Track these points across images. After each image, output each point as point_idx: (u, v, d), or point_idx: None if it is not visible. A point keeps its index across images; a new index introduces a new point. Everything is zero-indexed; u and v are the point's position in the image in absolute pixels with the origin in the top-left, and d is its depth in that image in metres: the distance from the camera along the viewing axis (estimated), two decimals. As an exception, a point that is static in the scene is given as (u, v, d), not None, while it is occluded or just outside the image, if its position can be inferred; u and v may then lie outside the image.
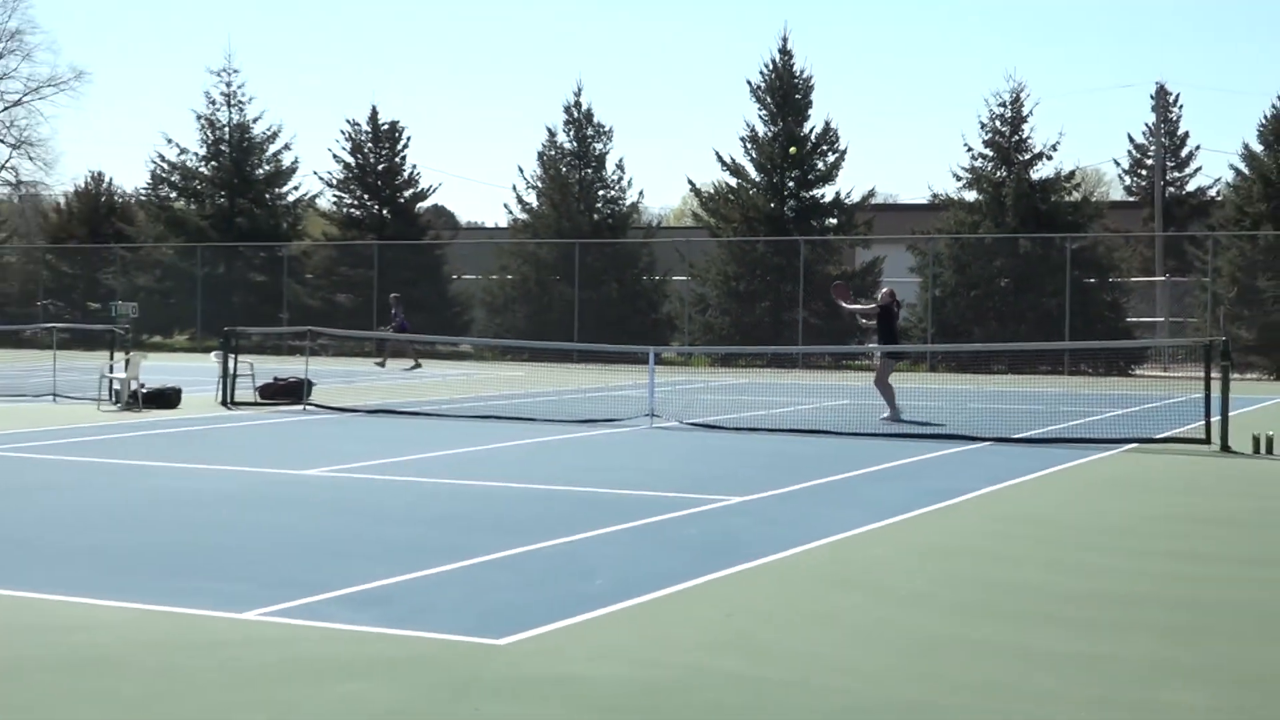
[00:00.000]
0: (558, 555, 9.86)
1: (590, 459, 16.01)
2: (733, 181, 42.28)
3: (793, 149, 40.47)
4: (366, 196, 46.98)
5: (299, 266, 46.43)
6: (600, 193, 44.06)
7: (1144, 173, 54.71)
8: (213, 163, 48.20)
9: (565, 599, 8.41)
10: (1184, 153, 53.61)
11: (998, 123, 39.94)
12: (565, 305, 41.54)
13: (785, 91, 41.61)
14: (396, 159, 47.06)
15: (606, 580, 8.98)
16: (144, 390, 22.08)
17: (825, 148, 41.94)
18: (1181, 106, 54.16)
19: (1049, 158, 39.85)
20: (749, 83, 41.87)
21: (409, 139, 47.18)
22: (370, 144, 46.90)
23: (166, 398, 22.22)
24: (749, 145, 41.96)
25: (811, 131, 41.84)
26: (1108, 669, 7.02)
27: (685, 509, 11.95)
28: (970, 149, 40.15)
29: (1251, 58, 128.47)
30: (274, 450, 16.61)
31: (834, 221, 42.54)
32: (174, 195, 49.31)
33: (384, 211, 46.71)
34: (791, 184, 41.88)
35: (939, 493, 13.07)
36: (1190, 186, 53.17)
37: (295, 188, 49.21)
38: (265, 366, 26.34)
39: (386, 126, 47.03)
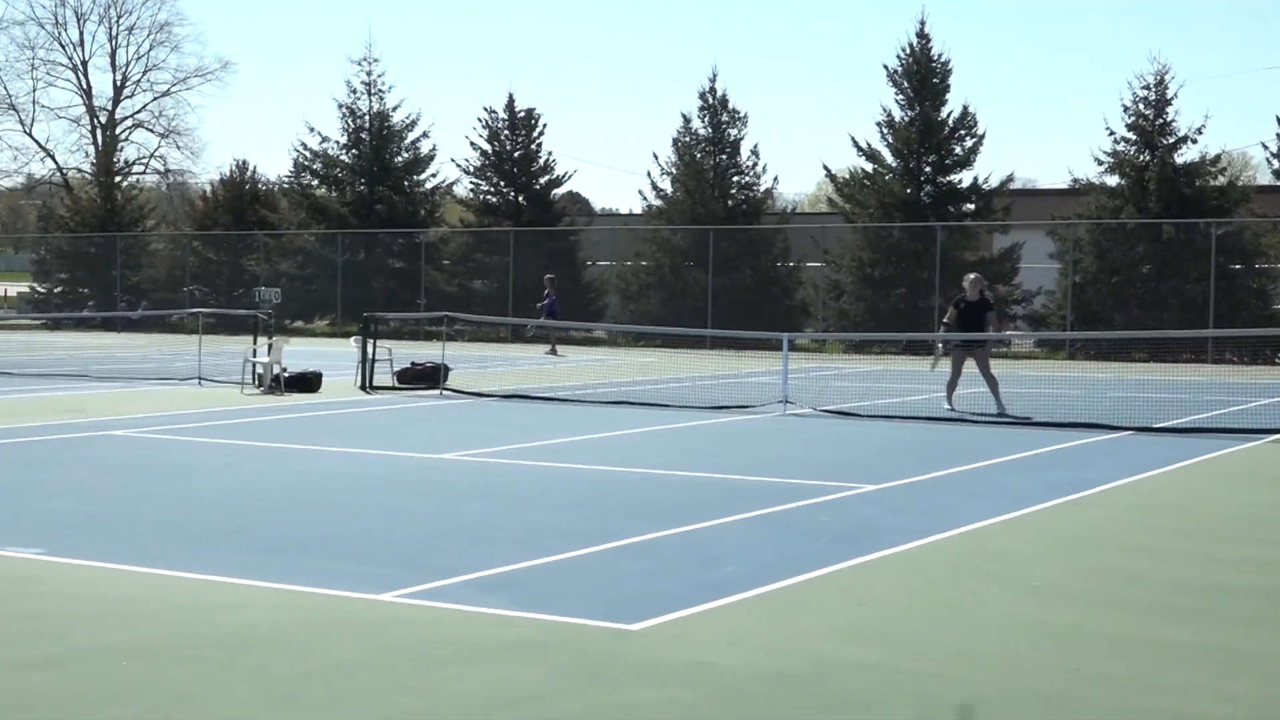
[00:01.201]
0: (688, 541, 9.93)
1: (722, 445, 16.04)
2: (868, 167, 41.96)
3: None
4: (502, 183, 47.41)
5: (436, 253, 47.03)
6: (734, 179, 43.99)
7: (1293, 156, 53.28)
8: (353, 150, 48.98)
9: (696, 585, 8.47)
10: (1336, 135, 52.12)
11: (1141, 105, 39.13)
12: (699, 291, 41.58)
13: (923, 75, 41.17)
14: (532, 146, 47.40)
15: (737, 567, 9.02)
16: (286, 374, 22.56)
17: (963, 132, 41.44)
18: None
19: (1194, 141, 38.97)
20: (885, 67, 41.53)
21: (545, 126, 47.58)
22: (507, 131, 47.31)
23: (308, 382, 22.69)
24: (885, 130, 41.60)
25: (949, 116, 41.38)
26: (1248, 664, 6.91)
27: (817, 496, 11.94)
28: (1112, 132, 39.40)
29: None
30: (411, 435, 16.88)
31: (971, 207, 42.05)
32: (315, 183, 50.20)
33: (520, 198, 47.10)
34: (929, 169, 41.47)
35: (1076, 483, 12.91)
36: (1342, 169, 51.71)
37: (433, 175, 49.88)
38: (403, 351, 26.76)
39: (523, 114, 47.40)
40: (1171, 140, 38.86)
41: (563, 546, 9.59)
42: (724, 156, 43.83)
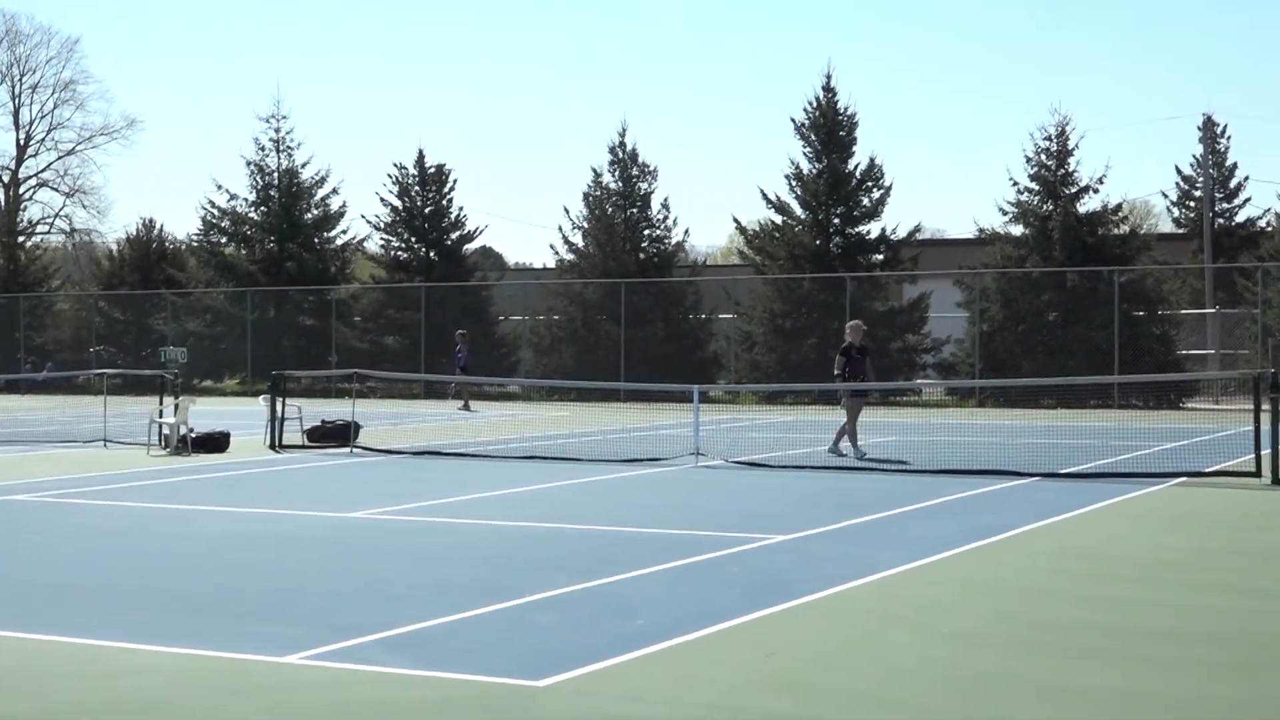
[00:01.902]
0: (600, 595, 9.80)
1: (634, 498, 15.96)
2: (778, 219, 42.31)
3: None
4: (413, 239, 47.23)
5: (347, 310, 46.71)
6: (646, 232, 44.16)
7: (1192, 204, 54.39)
8: (262, 208, 48.58)
9: (606, 639, 8.35)
10: (1233, 183, 53.30)
11: (1043, 156, 39.80)
12: (611, 345, 41.59)
13: (830, 129, 41.61)
14: (443, 201, 47.33)
15: (648, 620, 8.91)
16: (193, 435, 22.20)
17: (870, 184, 41.87)
18: (1229, 137, 53.93)
19: (1095, 190, 39.68)
20: (793, 120, 41.96)
21: (455, 181, 47.61)
22: (417, 187, 47.19)
23: (215, 442, 22.33)
24: (794, 183, 41.96)
25: (856, 168, 41.81)
26: (1152, 707, 6.89)
27: (730, 548, 11.86)
28: (1016, 183, 40.03)
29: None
30: (319, 493, 16.63)
31: (880, 257, 42.43)
32: (224, 241, 49.69)
33: (431, 254, 46.95)
34: (837, 220, 41.82)
35: (987, 528, 12.95)
36: (1240, 217, 52.82)
37: (343, 231, 49.57)
38: (314, 409, 26.45)
39: (433, 170, 47.33)
40: (1073, 190, 39.53)
41: (472, 603, 9.43)
42: (635, 210, 43.98)
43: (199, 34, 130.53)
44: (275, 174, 48.48)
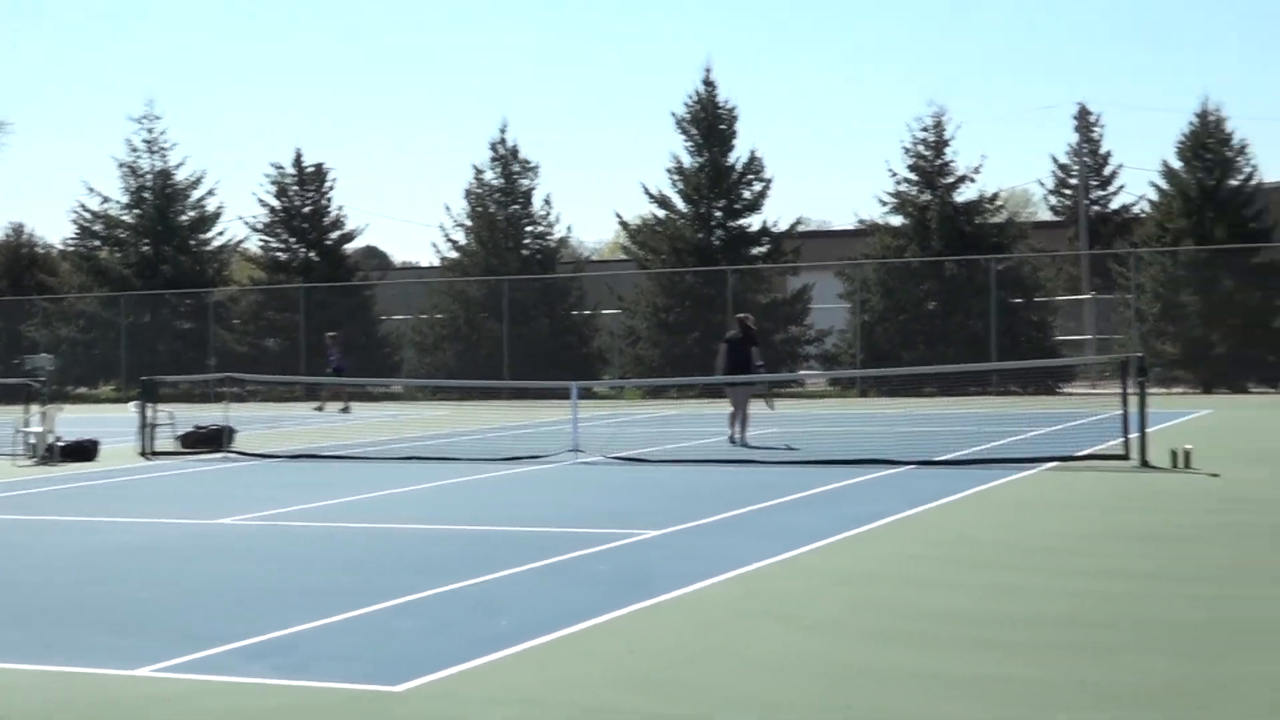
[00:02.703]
0: (465, 597, 9.71)
1: (509, 497, 15.87)
2: (660, 213, 42.40)
3: None
4: (293, 240, 46.72)
5: (226, 312, 46.08)
6: (528, 229, 44.09)
7: (1068, 192, 55.32)
8: (136, 210, 47.74)
9: (468, 641, 8.26)
10: (1106, 171, 54.29)
11: (921, 147, 40.29)
12: (495, 342, 41.46)
13: (710, 122, 41.76)
14: (323, 201, 46.84)
15: (511, 621, 8.83)
16: (61, 443, 21.72)
17: (751, 176, 42.10)
18: (1103, 126, 55.05)
19: (972, 180, 40.31)
20: (673, 115, 42.08)
21: (334, 180, 47.14)
22: (296, 186, 46.67)
23: (84, 450, 21.87)
24: (675, 177, 42.08)
25: (737, 161, 42.02)
26: (1019, 692, 6.94)
27: (601, 544, 11.81)
28: (894, 174, 40.51)
29: (1169, 75, 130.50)
30: (188, 500, 16.34)
31: (762, 250, 42.68)
32: (97, 244, 48.75)
33: (311, 254, 46.45)
34: (719, 214, 41.98)
35: (858, 518, 13.02)
36: (1114, 204, 53.80)
37: (220, 233, 48.93)
38: (189, 415, 25.99)
39: (312, 169, 46.85)
40: (951, 180, 40.05)
41: (336, 608, 9.29)
42: (517, 207, 43.88)
43: (68, 33, 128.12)
44: (149, 176, 47.67)
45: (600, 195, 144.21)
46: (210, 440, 22.70)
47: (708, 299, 40.35)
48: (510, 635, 8.36)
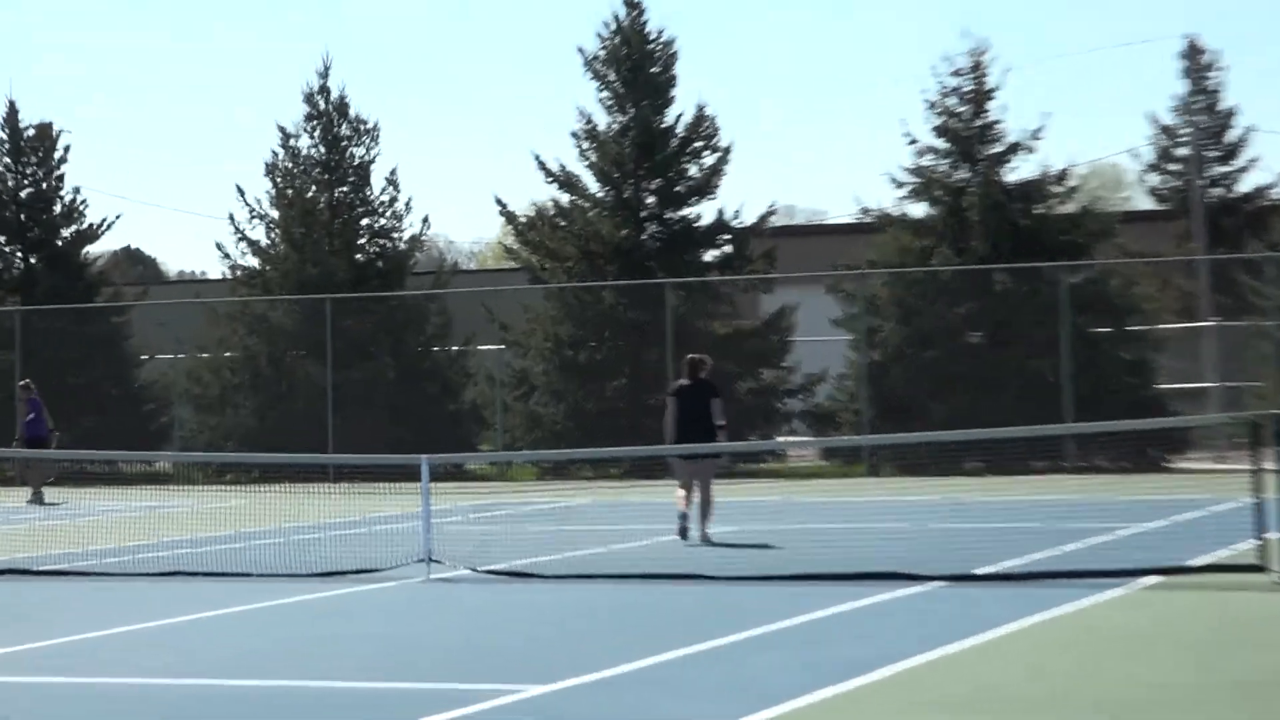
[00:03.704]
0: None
1: (317, 633, 15.82)
2: (564, 199, 42.25)
3: None
4: (3, 239, 46.22)
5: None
6: (364, 222, 43.90)
7: (1175, 169, 55.48)
8: None
9: None
10: (1231, 137, 54.42)
11: (953, 101, 40.26)
12: (315, 393, 41.11)
13: (636, 61, 41.73)
14: (51, 181, 46.45)
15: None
16: None
17: (700, 144, 42.06)
18: (1224, 70, 55.04)
19: (1030, 151, 40.23)
20: (581, 52, 41.97)
21: (67, 149, 46.70)
22: (7, 158, 46.18)
23: None
24: (585, 143, 41.96)
25: (678, 120, 41.98)
26: None
27: (447, 710, 11.47)
28: (914, 141, 40.46)
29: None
30: None
31: (717, 254, 42.56)
32: None
33: (31, 259, 46.01)
34: (652, 199, 41.87)
35: (850, 664, 12.83)
36: (1243, 187, 53.90)
37: None
38: None
39: (32, 133, 46.43)
40: (998, 149, 40.01)
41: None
42: (346, 189, 43.63)
43: None
44: None
45: (473, 173, 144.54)
46: None
47: (637, 327, 40.17)
48: None
